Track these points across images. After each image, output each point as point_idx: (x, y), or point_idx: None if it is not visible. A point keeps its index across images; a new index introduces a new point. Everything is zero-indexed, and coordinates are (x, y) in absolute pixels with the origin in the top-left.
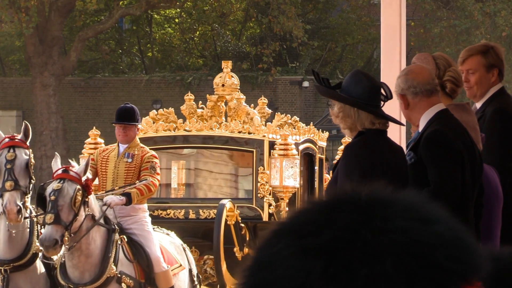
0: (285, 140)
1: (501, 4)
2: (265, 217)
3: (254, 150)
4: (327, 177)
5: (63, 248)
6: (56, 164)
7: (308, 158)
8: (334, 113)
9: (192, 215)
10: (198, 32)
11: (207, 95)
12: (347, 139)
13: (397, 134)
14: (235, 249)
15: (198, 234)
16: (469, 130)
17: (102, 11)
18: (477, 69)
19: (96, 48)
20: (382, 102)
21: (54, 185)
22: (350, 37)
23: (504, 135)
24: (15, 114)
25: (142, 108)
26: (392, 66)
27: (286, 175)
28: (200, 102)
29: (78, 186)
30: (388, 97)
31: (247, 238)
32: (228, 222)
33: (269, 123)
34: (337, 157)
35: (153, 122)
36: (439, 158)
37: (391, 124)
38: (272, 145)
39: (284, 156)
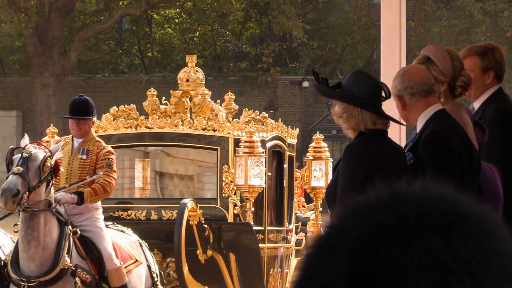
0: (250, 137)
1: (503, 4)
2: (230, 218)
3: (219, 148)
4: (298, 175)
5: (11, 245)
6: (24, 142)
7: (277, 156)
8: (337, 113)
9: (154, 216)
10: (198, 32)
11: (171, 90)
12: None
13: (397, 134)
14: (198, 252)
15: (160, 236)
16: (468, 129)
17: (102, 11)
18: (472, 69)
19: (96, 48)
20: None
21: (26, 148)
22: (350, 37)
23: (505, 135)
24: (15, 114)
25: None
26: (392, 66)
27: (252, 174)
28: (164, 98)
29: (49, 154)
30: (387, 96)
31: (211, 240)
32: (190, 223)
33: (237, 119)
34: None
35: (114, 119)
36: (438, 159)
37: (391, 124)
38: (237, 142)
39: (249, 154)
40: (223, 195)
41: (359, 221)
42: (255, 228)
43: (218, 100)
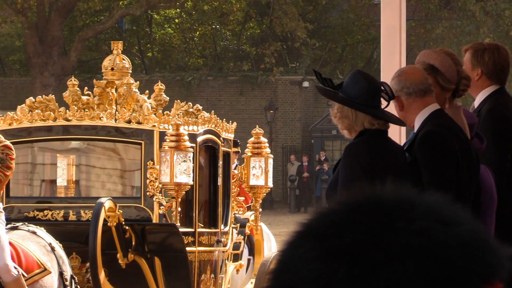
0: (176, 130)
1: (504, 4)
2: (155, 219)
3: (143, 142)
4: (235, 172)
5: None
6: None
7: (210, 152)
8: (333, 113)
9: (72, 217)
10: (198, 32)
11: (94, 80)
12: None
13: (397, 134)
14: (118, 255)
15: (79, 238)
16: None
17: (102, 11)
18: (465, 64)
19: (96, 48)
20: (385, 102)
21: None
22: (350, 37)
23: (498, 135)
24: None
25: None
26: (392, 66)
27: (178, 171)
28: (86, 88)
29: None
30: (390, 97)
31: (133, 243)
32: (109, 224)
33: (168, 112)
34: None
35: (30, 111)
36: (433, 159)
37: (391, 124)
38: (163, 136)
39: (175, 149)
40: (148, 193)
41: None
42: (184, 230)
43: (147, 91)
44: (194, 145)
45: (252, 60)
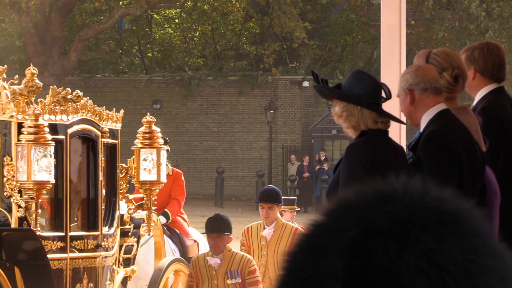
0: (35, 121)
1: (509, 7)
2: (14, 223)
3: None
4: (123, 166)
5: None
6: None
7: (88, 144)
8: (337, 112)
9: None
10: (198, 32)
11: None
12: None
13: (397, 134)
14: None
15: None
16: (471, 131)
17: (102, 11)
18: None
19: (96, 48)
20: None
21: None
22: (350, 37)
23: (488, 133)
24: None
25: (142, 108)
26: (392, 66)
27: (37, 167)
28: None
29: None
30: (387, 97)
31: None
32: None
33: (42, 99)
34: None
35: None
36: (435, 159)
37: (391, 123)
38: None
39: (33, 142)
40: (5, 194)
41: (351, 221)
42: (51, 234)
43: (17, 76)
44: (63, 137)
45: (251, 59)
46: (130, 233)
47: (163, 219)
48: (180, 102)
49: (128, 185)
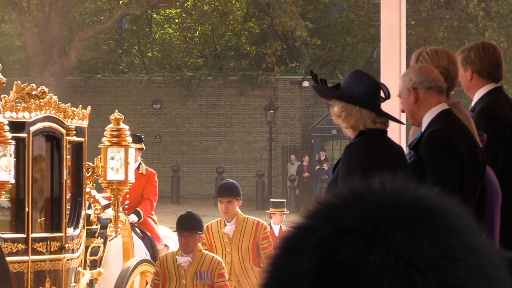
0: None
1: (507, 6)
2: None
3: None
4: (90, 165)
5: None
6: None
7: (52, 142)
8: (336, 113)
9: None
10: (198, 32)
11: None
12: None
13: (397, 134)
14: None
15: None
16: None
17: (102, 10)
18: (459, 69)
19: (96, 48)
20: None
21: None
22: (350, 36)
23: (488, 133)
24: None
25: (142, 108)
26: (392, 66)
27: None
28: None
29: None
30: (386, 97)
31: None
32: None
33: (5, 95)
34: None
35: None
36: (437, 158)
37: (391, 123)
38: None
39: None
40: None
41: (323, 222)
42: (12, 236)
43: None
44: (25, 135)
45: (251, 59)
46: (96, 234)
47: (134, 218)
48: (180, 102)
49: (95, 184)
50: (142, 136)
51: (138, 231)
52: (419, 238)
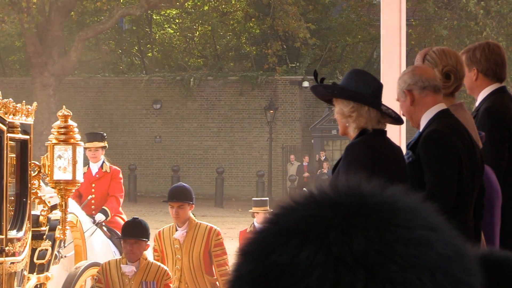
0: None
1: (507, 5)
2: None
3: None
4: (36, 163)
5: None
6: None
7: None
8: (344, 112)
9: None
10: (198, 32)
11: None
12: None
13: (397, 134)
14: None
15: None
16: (468, 128)
17: (102, 11)
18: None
19: (96, 48)
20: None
21: None
22: (350, 36)
23: (494, 133)
24: None
25: (142, 108)
26: (392, 66)
27: None
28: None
29: None
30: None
31: None
32: None
33: None
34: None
35: None
36: (435, 158)
37: (390, 124)
38: None
39: None
40: None
41: (269, 225)
42: None
43: None
44: None
45: (252, 59)
46: (45, 236)
47: (102, 217)
48: (180, 102)
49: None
50: (105, 134)
51: (106, 230)
52: (353, 234)
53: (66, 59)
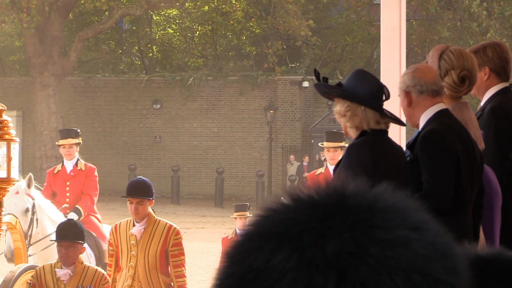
0: None
1: (510, 7)
2: None
3: None
4: None
5: None
6: None
7: None
8: (341, 112)
9: None
10: (198, 32)
11: None
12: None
13: (397, 134)
14: None
15: None
16: (471, 127)
17: (102, 11)
18: None
19: (96, 48)
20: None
21: None
22: (350, 37)
23: (499, 133)
24: (15, 114)
25: (142, 108)
26: (392, 66)
27: None
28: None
29: None
30: (386, 98)
31: None
32: None
33: None
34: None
35: None
36: (432, 158)
37: (391, 124)
38: None
39: None
40: None
41: (250, 229)
42: None
43: None
44: None
45: (251, 59)
46: None
47: (74, 216)
48: (180, 102)
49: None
50: (79, 130)
51: None
52: (328, 236)
53: (66, 59)
